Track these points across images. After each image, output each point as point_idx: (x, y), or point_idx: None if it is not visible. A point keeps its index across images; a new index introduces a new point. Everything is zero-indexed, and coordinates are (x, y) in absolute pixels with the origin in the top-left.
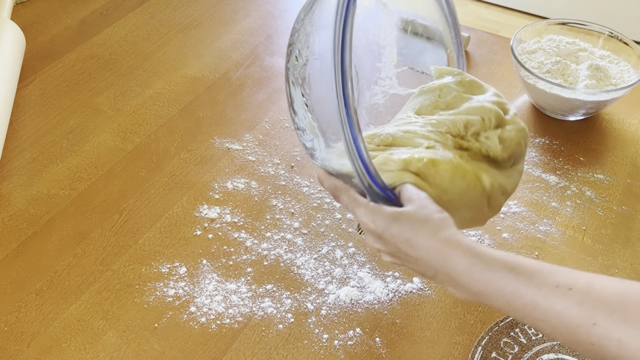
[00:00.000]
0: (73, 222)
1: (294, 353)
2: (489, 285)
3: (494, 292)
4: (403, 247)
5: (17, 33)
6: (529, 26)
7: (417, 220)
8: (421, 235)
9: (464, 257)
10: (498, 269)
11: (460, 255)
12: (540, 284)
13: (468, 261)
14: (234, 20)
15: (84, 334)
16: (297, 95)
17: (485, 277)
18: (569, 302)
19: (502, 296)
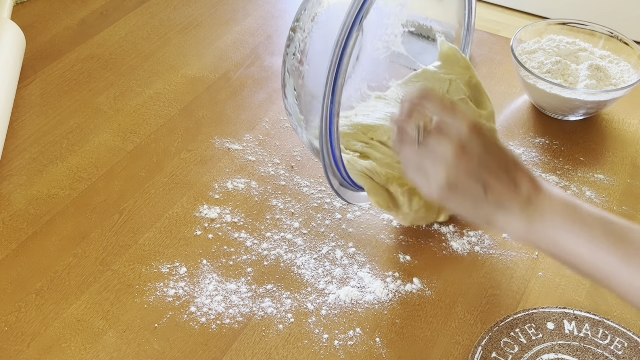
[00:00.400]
0: (73, 222)
1: (294, 353)
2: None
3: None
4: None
5: (17, 33)
6: (529, 26)
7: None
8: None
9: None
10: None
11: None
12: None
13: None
14: (234, 20)
15: (84, 334)
16: (290, 85)
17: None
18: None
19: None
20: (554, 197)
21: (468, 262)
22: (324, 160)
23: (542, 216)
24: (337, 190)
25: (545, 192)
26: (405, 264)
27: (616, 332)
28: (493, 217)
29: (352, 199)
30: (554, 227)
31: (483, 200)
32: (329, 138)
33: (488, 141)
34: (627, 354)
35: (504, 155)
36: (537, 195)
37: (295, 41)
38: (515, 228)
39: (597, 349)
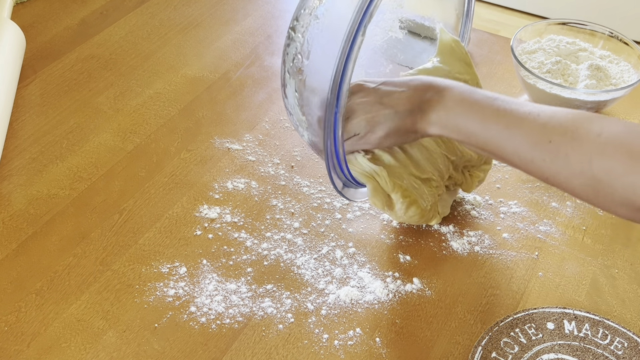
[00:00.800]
0: (73, 222)
1: (294, 353)
2: (472, 107)
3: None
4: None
5: (17, 33)
6: (529, 26)
7: None
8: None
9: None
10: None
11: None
12: (516, 109)
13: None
14: (234, 20)
15: (84, 334)
16: (290, 85)
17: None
18: (535, 124)
19: (482, 116)
20: (453, 89)
21: (468, 262)
22: (327, 164)
23: (445, 107)
24: (341, 191)
25: (446, 87)
26: (405, 264)
27: (616, 332)
28: (413, 123)
29: (353, 197)
30: (455, 114)
31: (399, 116)
32: (334, 142)
33: (378, 82)
34: (627, 354)
35: (395, 80)
36: (440, 91)
37: (295, 41)
38: (430, 121)
39: (597, 349)
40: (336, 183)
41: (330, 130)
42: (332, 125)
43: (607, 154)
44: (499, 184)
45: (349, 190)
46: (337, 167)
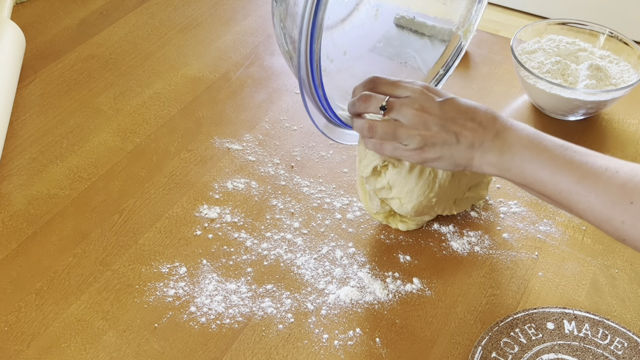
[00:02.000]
0: (73, 222)
1: (294, 353)
2: (543, 153)
3: (545, 159)
4: (468, 111)
5: (17, 33)
6: (529, 26)
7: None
8: (485, 108)
9: (525, 128)
10: (556, 141)
11: (522, 126)
12: (591, 163)
13: (529, 130)
14: (234, 20)
15: (84, 334)
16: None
17: (543, 145)
18: (613, 182)
19: (553, 165)
20: (520, 131)
21: (468, 262)
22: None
23: (511, 149)
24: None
25: (511, 127)
26: (405, 264)
27: (616, 332)
28: (470, 158)
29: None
30: (522, 159)
31: (458, 147)
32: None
33: (444, 95)
34: (627, 354)
35: (461, 105)
36: (504, 130)
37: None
38: (489, 162)
39: (597, 349)
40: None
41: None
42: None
43: None
44: (499, 184)
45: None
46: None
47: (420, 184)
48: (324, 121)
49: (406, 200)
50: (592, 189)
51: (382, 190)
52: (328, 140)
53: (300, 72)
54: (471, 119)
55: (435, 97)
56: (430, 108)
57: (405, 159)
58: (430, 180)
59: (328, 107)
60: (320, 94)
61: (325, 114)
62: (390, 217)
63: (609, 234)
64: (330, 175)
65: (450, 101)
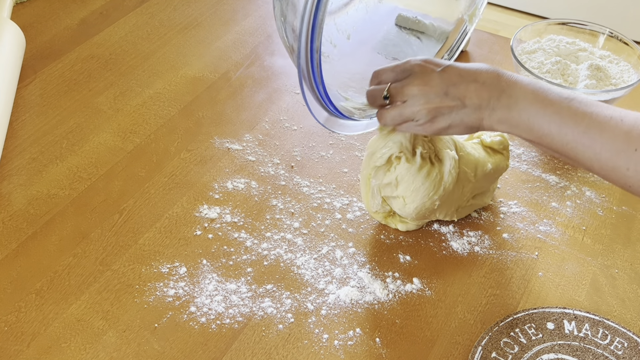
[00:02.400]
0: (73, 222)
1: (294, 353)
2: (549, 107)
3: (551, 113)
4: (470, 74)
5: (17, 33)
6: (529, 26)
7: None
8: (487, 66)
9: (530, 83)
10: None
11: (526, 82)
12: (596, 113)
13: (534, 86)
14: (234, 20)
15: (84, 334)
16: (277, 7)
17: (548, 99)
18: (619, 130)
19: (559, 118)
20: (525, 86)
21: (468, 262)
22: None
23: (517, 105)
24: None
25: (516, 82)
26: (405, 264)
27: (616, 332)
28: (480, 119)
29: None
30: (529, 114)
31: (465, 111)
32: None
33: (442, 64)
34: (627, 354)
35: (462, 69)
36: (509, 87)
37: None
38: (498, 120)
39: (597, 349)
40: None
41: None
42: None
43: None
44: (499, 184)
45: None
46: (313, 84)
47: (427, 185)
48: (325, 114)
49: (410, 200)
50: (597, 139)
51: (387, 187)
52: (328, 140)
53: (300, 61)
54: (474, 80)
55: (434, 67)
56: (431, 80)
57: (420, 133)
58: (436, 183)
59: (327, 99)
60: (318, 82)
61: (324, 107)
62: (390, 217)
63: (614, 182)
64: (330, 175)
65: (450, 68)
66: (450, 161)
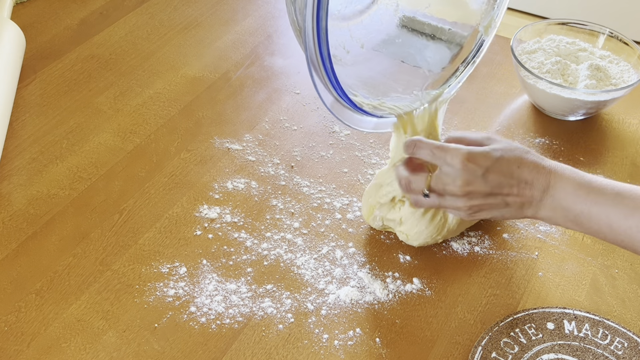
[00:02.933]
0: (73, 222)
1: (294, 353)
2: (594, 206)
3: (597, 214)
4: (512, 172)
5: (17, 33)
6: (529, 26)
7: (516, 149)
8: (529, 158)
9: (571, 179)
10: (605, 191)
11: (567, 177)
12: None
13: (575, 182)
14: (234, 20)
15: (84, 334)
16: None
17: (591, 198)
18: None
19: (606, 217)
20: (566, 181)
21: (468, 262)
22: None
23: (561, 205)
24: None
25: (556, 176)
26: (405, 264)
27: (616, 332)
28: (523, 216)
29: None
30: (573, 213)
31: (508, 210)
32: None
33: (485, 163)
34: (627, 354)
35: (505, 165)
36: (549, 186)
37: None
38: (543, 217)
39: (597, 349)
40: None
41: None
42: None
43: None
44: None
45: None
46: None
47: (430, 228)
48: (331, 98)
49: (413, 239)
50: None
51: (391, 221)
52: (328, 140)
53: (307, 40)
54: (517, 182)
55: (477, 168)
56: (474, 182)
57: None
58: (440, 225)
59: (337, 82)
60: (327, 67)
61: (332, 90)
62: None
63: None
64: (330, 175)
65: (493, 168)
66: None
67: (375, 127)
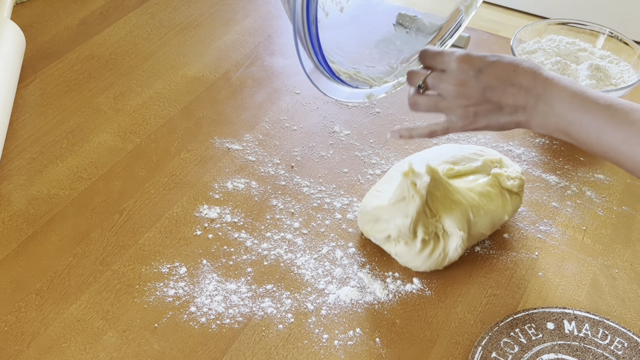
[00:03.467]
0: (73, 222)
1: (294, 353)
2: (586, 115)
3: (588, 124)
4: (507, 76)
5: (17, 33)
6: (529, 26)
7: (513, 57)
8: (526, 65)
9: (567, 87)
10: (599, 101)
11: (563, 85)
12: (635, 120)
13: (571, 91)
14: (234, 20)
15: (84, 334)
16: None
17: (585, 107)
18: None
19: (596, 128)
20: (561, 90)
21: (468, 262)
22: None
23: (554, 112)
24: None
25: (551, 84)
26: None
27: (616, 332)
28: (517, 122)
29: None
30: (565, 121)
31: (502, 114)
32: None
33: (479, 64)
34: (627, 354)
35: (499, 68)
36: (544, 91)
37: None
38: (536, 125)
39: (597, 349)
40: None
41: None
42: None
43: None
44: None
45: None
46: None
47: (428, 263)
48: (312, 65)
49: (412, 267)
50: (636, 149)
51: (390, 253)
52: (328, 140)
53: (296, 5)
54: (511, 84)
55: (471, 68)
56: (468, 81)
57: (455, 132)
58: (440, 260)
59: (319, 48)
60: (312, 32)
61: (315, 56)
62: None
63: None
64: (330, 175)
65: (488, 69)
66: (457, 240)
67: (349, 96)
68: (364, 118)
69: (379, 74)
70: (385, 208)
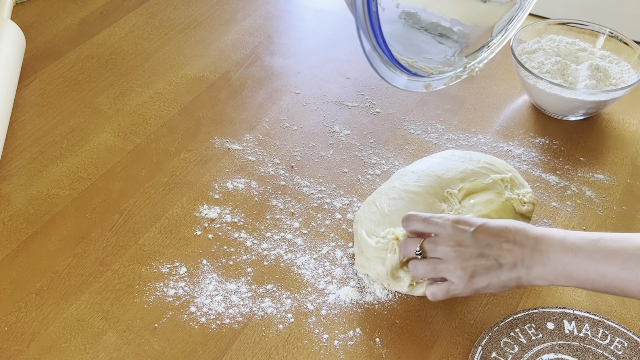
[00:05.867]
0: (73, 222)
1: (294, 353)
2: (580, 252)
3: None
4: (501, 232)
5: (17, 33)
6: (529, 26)
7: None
8: (513, 224)
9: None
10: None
11: (552, 233)
12: (625, 247)
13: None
14: (234, 20)
15: (84, 334)
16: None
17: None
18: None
19: (592, 260)
20: (551, 238)
21: None
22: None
23: (550, 259)
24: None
25: (543, 236)
26: None
27: (616, 332)
28: (518, 278)
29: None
30: (563, 265)
31: (502, 270)
32: None
33: (474, 224)
34: (627, 354)
35: (492, 229)
36: (537, 243)
37: None
38: (537, 277)
39: (597, 349)
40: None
41: None
42: None
43: None
44: None
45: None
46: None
47: (419, 294)
48: (369, 46)
49: None
50: (637, 271)
51: None
52: (328, 140)
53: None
54: (505, 240)
55: (466, 228)
56: (464, 240)
57: (458, 295)
58: None
59: (380, 32)
60: (374, 24)
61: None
62: None
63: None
64: (330, 175)
65: (481, 228)
66: None
67: (407, 85)
68: (364, 118)
69: (436, 64)
70: (371, 247)
